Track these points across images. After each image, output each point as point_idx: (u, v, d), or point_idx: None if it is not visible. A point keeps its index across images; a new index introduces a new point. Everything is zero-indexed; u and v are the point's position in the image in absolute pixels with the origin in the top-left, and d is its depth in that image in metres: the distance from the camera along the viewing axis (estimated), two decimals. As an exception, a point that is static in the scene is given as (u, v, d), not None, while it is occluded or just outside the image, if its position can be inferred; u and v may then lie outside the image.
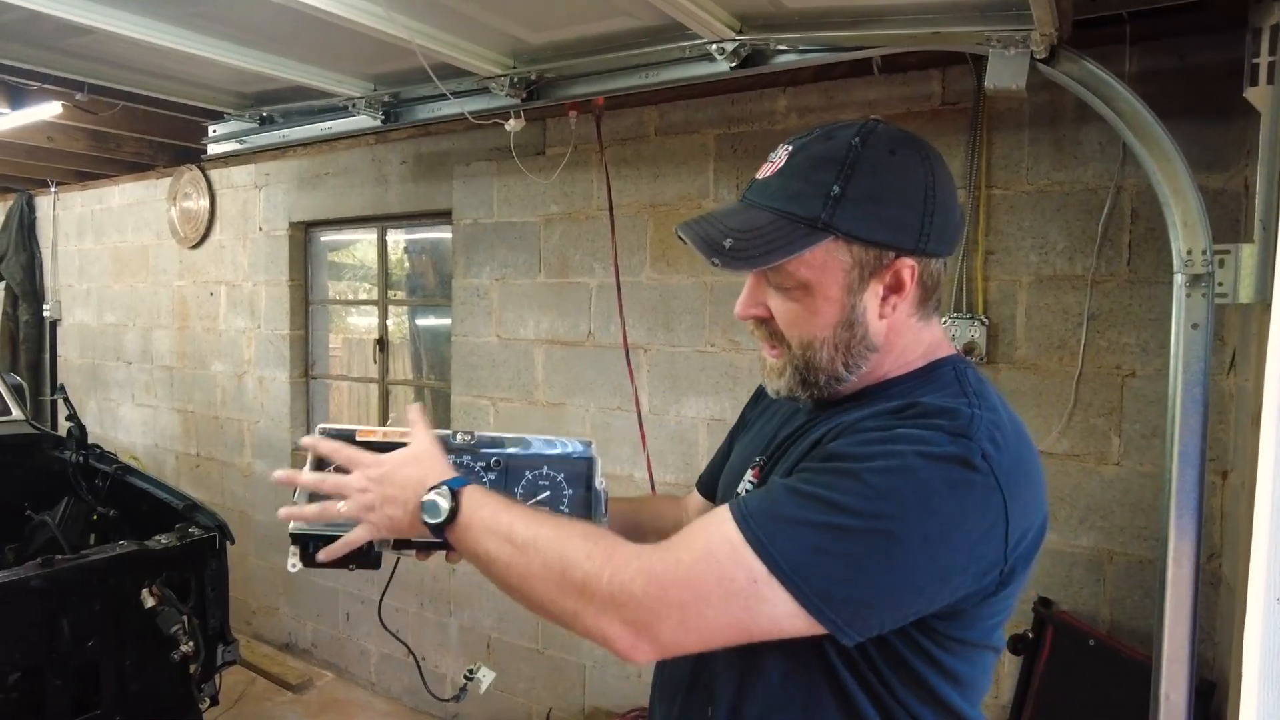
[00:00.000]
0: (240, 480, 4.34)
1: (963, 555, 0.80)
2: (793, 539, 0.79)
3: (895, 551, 0.78)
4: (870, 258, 0.87)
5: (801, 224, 0.86)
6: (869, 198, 0.85)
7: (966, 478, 0.79)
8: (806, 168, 0.88)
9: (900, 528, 0.78)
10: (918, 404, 0.85)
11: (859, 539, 0.78)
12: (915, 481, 0.78)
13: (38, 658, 2.18)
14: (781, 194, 0.88)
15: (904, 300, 0.90)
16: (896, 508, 0.78)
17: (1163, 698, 1.62)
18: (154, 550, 2.44)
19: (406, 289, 3.91)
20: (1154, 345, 2.08)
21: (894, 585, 0.79)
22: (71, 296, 5.30)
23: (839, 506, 0.78)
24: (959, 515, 0.79)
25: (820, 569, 0.78)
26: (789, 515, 0.80)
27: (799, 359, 0.92)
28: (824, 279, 0.87)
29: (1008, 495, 0.80)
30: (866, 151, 0.86)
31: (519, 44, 2.11)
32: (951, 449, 0.79)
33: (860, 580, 0.79)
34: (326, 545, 0.98)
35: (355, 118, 2.64)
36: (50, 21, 1.89)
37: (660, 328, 2.87)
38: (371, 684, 3.83)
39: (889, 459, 0.79)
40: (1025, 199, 2.24)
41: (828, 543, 0.78)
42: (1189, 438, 1.59)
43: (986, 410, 0.85)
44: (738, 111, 2.67)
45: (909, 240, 0.87)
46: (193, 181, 4.38)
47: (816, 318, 0.89)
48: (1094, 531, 2.18)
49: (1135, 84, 1.84)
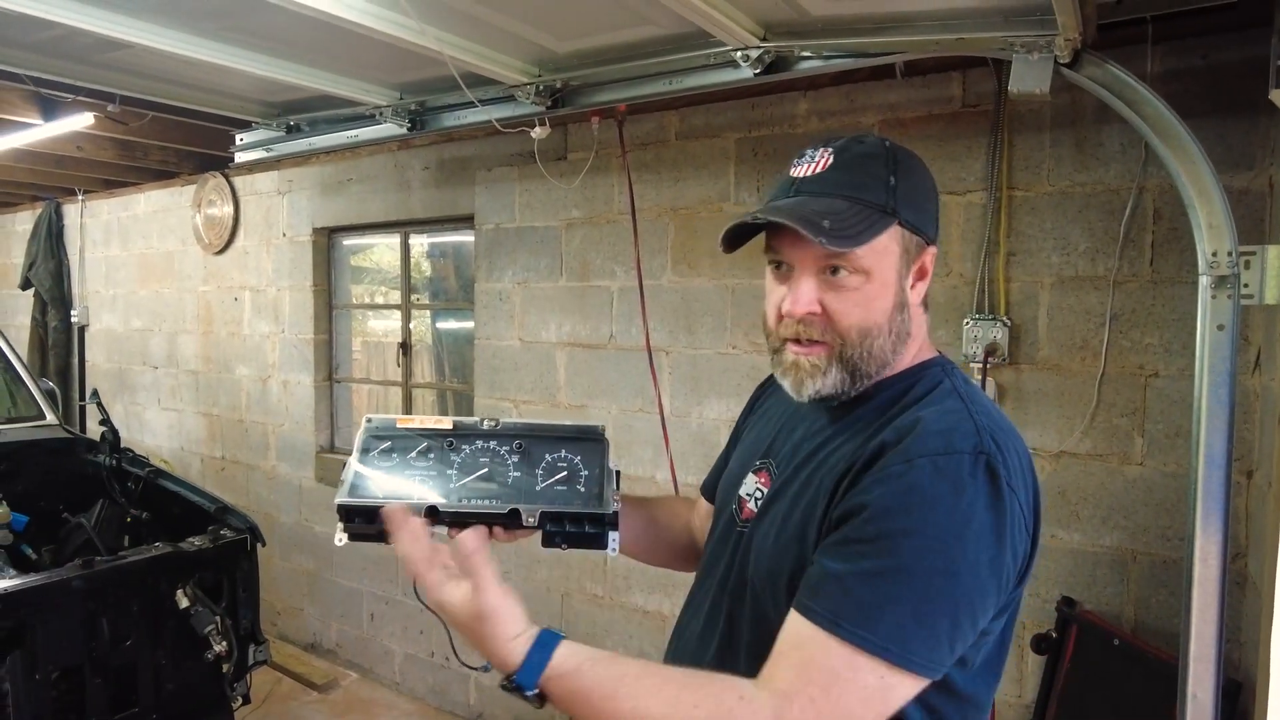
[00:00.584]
0: (265, 483, 4.40)
1: (1001, 567, 0.86)
2: (886, 620, 0.81)
3: (971, 584, 0.83)
4: (913, 245, 0.95)
5: (875, 210, 0.92)
6: (912, 190, 0.95)
7: (1000, 494, 0.85)
8: (858, 162, 0.95)
9: (967, 564, 0.83)
10: (921, 420, 0.89)
11: (943, 592, 0.82)
12: (965, 517, 0.83)
13: (78, 656, 2.23)
14: (849, 184, 0.93)
15: (925, 285, 0.99)
16: (959, 547, 0.83)
17: (1189, 697, 1.63)
18: (188, 552, 2.48)
19: (429, 293, 3.96)
20: (1177, 345, 2.08)
21: (963, 620, 0.84)
22: (99, 302, 5.39)
23: (911, 570, 0.82)
24: (1003, 529, 0.85)
25: (917, 635, 0.82)
26: (869, 601, 0.82)
27: (856, 349, 0.94)
28: (883, 264, 0.93)
29: (1022, 500, 0.87)
30: (896, 151, 0.96)
31: (545, 53, 2.14)
32: (980, 474, 0.85)
33: (952, 624, 0.83)
34: (369, 516, 1.05)
35: (381, 126, 2.67)
36: (89, 37, 1.94)
37: (682, 330, 2.89)
38: (396, 684, 3.87)
39: (932, 507, 0.83)
40: (1047, 200, 2.25)
41: (914, 608, 0.82)
42: (1215, 438, 1.59)
43: (984, 417, 0.91)
44: (758, 115, 2.69)
45: (933, 230, 0.97)
46: (217, 188, 4.45)
47: (875, 303, 0.94)
48: (1117, 531, 2.19)
49: (1158, 84, 1.85)
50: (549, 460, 1.14)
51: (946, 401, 0.92)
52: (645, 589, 3.03)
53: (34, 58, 2.27)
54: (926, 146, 2.39)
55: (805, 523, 0.93)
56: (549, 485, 1.12)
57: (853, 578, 0.83)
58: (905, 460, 0.85)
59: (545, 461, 1.13)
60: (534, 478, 1.12)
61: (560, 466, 1.13)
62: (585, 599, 3.19)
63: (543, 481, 1.12)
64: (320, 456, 4.12)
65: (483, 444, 1.13)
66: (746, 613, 1.01)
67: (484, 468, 1.12)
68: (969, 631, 0.85)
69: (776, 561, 0.96)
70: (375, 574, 3.91)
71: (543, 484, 1.12)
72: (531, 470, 1.13)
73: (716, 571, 1.09)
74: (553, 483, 1.12)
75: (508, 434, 1.15)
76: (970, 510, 0.83)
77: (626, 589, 3.08)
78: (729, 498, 1.13)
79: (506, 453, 1.14)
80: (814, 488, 0.94)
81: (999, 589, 0.86)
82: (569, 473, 1.13)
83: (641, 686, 0.84)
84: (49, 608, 2.18)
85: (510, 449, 1.14)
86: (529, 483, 1.12)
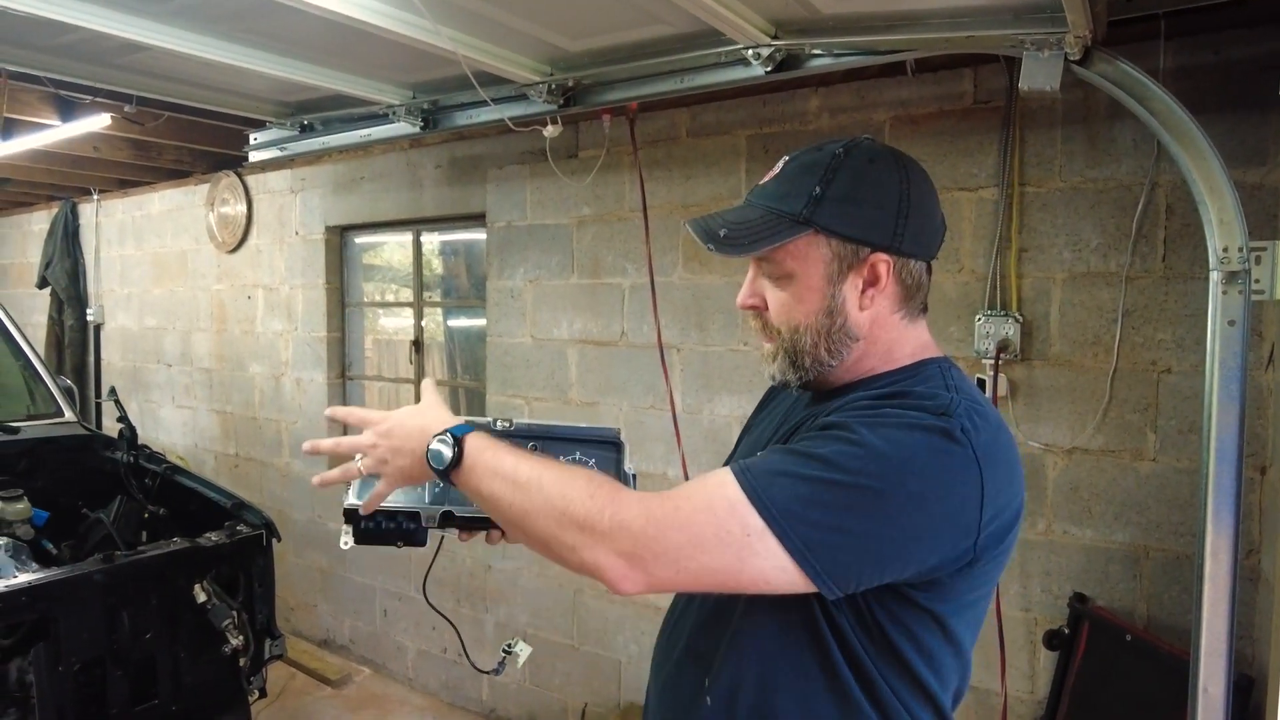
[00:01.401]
0: (278, 480, 4.44)
1: (940, 518, 0.88)
2: (784, 491, 0.86)
3: (879, 506, 0.86)
4: (848, 251, 0.97)
5: (786, 218, 0.97)
6: (846, 198, 0.96)
7: (947, 447, 0.87)
8: (796, 173, 1.00)
9: (885, 485, 0.86)
10: (903, 391, 0.95)
11: (846, 493, 0.86)
12: (900, 446, 0.87)
13: (100, 649, 2.26)
14: (774, 195, 1.00)
15: (882, 294, 0.99)
16: (881, 467, 0.86)
17: (1201, 691, 1.63)
18: (205, 548, 2.51)
19: (441, 291, 3.98)
20: (1190, 341, 2.08)
21: (876, 537, 0.86)
22: (114, 301, 5.44)
23: (829, 462, 0.86)
24: (939, 479, 0.87)
25: (807, 519, 0.85)
26: (782, 470, 0.88)
27: (787, 343, 1.02)
28: (807, 268, 0.98)
29: (984, 468, 0.88)
30: (848, 160, 0.98)
31: (557, 51, 2.15)
32: (934, 422, 0.88)
33: (844, 531, 0.86)
34: (374, 522, 1.07)
35: (394, 124, 2.70)
36: (108, 40, 1.97)
37: (693, 327, 2.91)
38: (409, 679, 3.91)
39: (877, 427, 0.88)
40: (1058, 196, 2.25)
41: (816, 495, 0.86)
42: (1226, 434, 1.59)
43: (967, 399, 0.94)
44: (769, 112, 2.70)
45: (882, 237, 0.97)
46: (230, 187, 4.49)
47: (801, 305, 0.99)
48: (1130, 527, 2.19)
49: (1170, 80, 1.85)
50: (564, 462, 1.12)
51: (931, 383, 0.97)
52: (656, 585, 3.05)
53: (53, 60, 2.31)
54: (938, 143, 2.39)
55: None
56: None
57: (784, 453, 0.91)
58: (869, 400, 0.94)
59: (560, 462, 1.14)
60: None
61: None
62: (597, 595, 3.21)
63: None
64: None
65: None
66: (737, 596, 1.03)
67: None
68: (879, 563, 0.86)
69: None
70: (388, 570, 3.94)
71: None
72: None
73: None
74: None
75: (521, 435, 1.14)
76: (915, 449, 0.87)
77: (638, 585, 3.10)
78: None
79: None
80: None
81: (932, 538, 0.87)
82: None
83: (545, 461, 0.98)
84: (71, 601, 2.21)
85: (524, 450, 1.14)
86: None
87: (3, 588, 2.13)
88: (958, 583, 0.92)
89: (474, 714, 3.64)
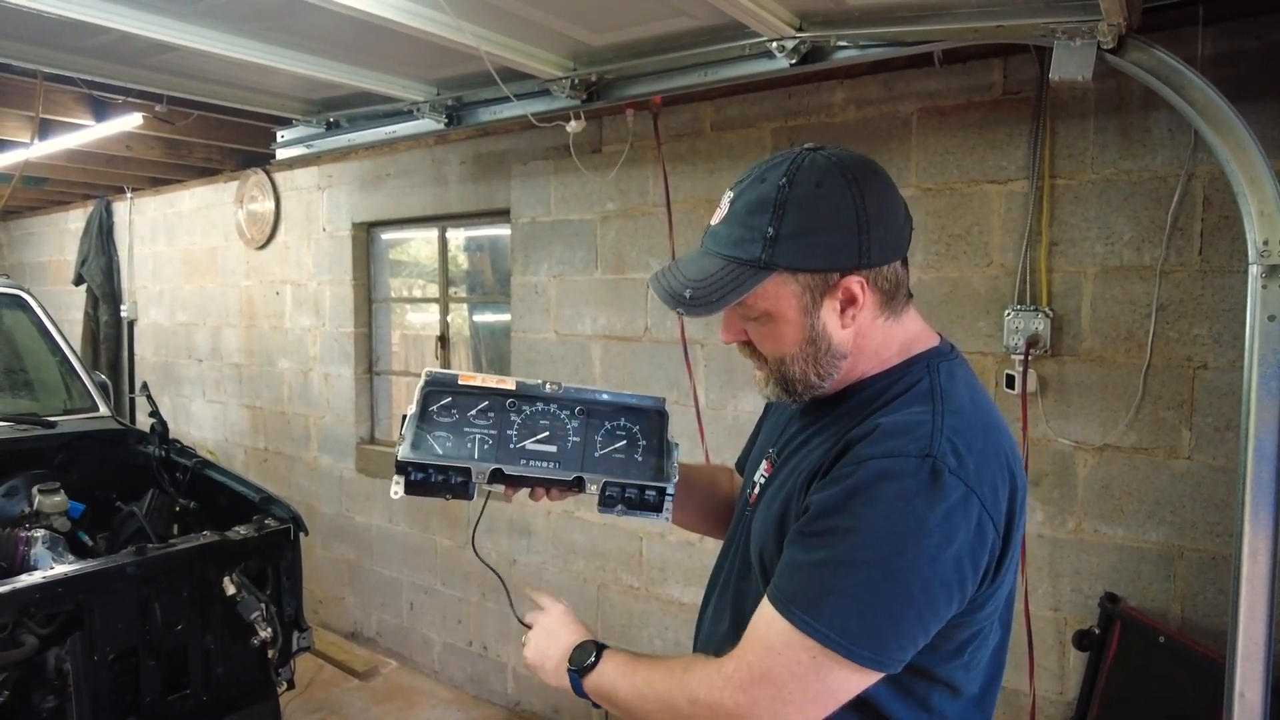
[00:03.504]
0: (307, 474, 4.50)
1: (966, 561, 0.90)
2: (828, 609, 0.88)
3: (913, 581, 0.88)
4: (817, 281, 0.97)
5: (747, 266, 0.96)
6: (802, 232, 0.95)
7: (944, 493, 0.88)
8: (744, 214, 0.98)
9: (909, 561, 0.87)
10: (879, 426, 0.94)
11: (880, 587, 0.88)
12: (904, 516, 0.88)
13: (133, 639, 2.30)
14: (728, 240, 0.98)
15: (863, 310, 0.99)
16: (897, 546, 0.87)
17: (1237, 695, 1.60)
18: (234, 541, 2.55)
19: (465, 286, 4.00)
20: (1227, 336, 2.03)
21: (920, 607, 0.89)
22: (146, 297, 5.54)
23: (853, 565, 0.88)
24: (948, 527, 0.88)
25: (857, 626, 0.88)
26: (815, 590, 0.90)
27: (776, 373, 1.03)
28: (780, 306, 0.98)
29: (981, 493, 0.90)
30: (794, 190, 0.95)
31: (580, 46, 2.15)
32: (923, 473, 0.88)
33: (895, 617, 0.88)
34: (425, 474, 1.11)
35: (418, 121, 2.71)
36: (140, 41, 2.00)
37: (716, 323, 2.88)
38: (435, 672, 3.94)
39: (874, 505, 0.89)
40: (1090, 188, 2.20)
41: (854, 600, 0.88)
42: (1265, 431, 1.56)
43: (949, 414, 0.94)
44: (795, 105, 2.67)
45: (849, 259, 0.96)
46: (258, 185, 4.54)
47: (783, 339, 1.00)
48: (1163, 527, 2.14)
49: (1209, 68, 1.80)
50: (609, 427, 1.17)
51: (913, 406, 0.96)
52: (681, 581, 3.05)
53: (86, 61, 2.35)
54: (966, 135, 2.35)
55: (784, 512, 1.01)
56: (608, 452, 1.15)
57: (806, 567, 0.92)
58: (856, 462, 0.92)
59: (605, 428, 1.17)
60: (593, 443, 1.15)
61: (620, 434, 1.17)
62: (621, 590, 3.21)
63: (602, 448, 1.15)
64: (360, 448, 4.20)
65: (544, 406, 1.16)
66: (750, 592, 1.07)
67: (544, 430, 1.15)
68: (917, 628, 0.90)
69: (762, 543, 1.04)
70: (415, 564, 3.98)
71: (602, 450, 1.15)
72: (591, 436, 1.16)
73: (729, 553, 1.18)
74: (611, 450, 1.16)
75: (570, 399, 1.17)
76: (909, 509, 0.87)
77: (662, 580, 3.10)
78: (747, 481, 1.21)
79: (567, 417, 1.16)
80: (793, 479, 1.02)
81: (956, 587, 0.89)
82: (628, 441, 1.17)
83: (652, 660, 1.06)
84: (106, 592, 2.25)
85: (571, 413, 1.16)
86: (588, 447, 1.15)
87: (40, 579, 2.18)
88: (986, 587, 0.94)
89: (499, 707, 3.66)
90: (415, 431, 1.12)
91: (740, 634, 1.06)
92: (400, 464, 1.11)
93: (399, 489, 1.12)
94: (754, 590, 1.05)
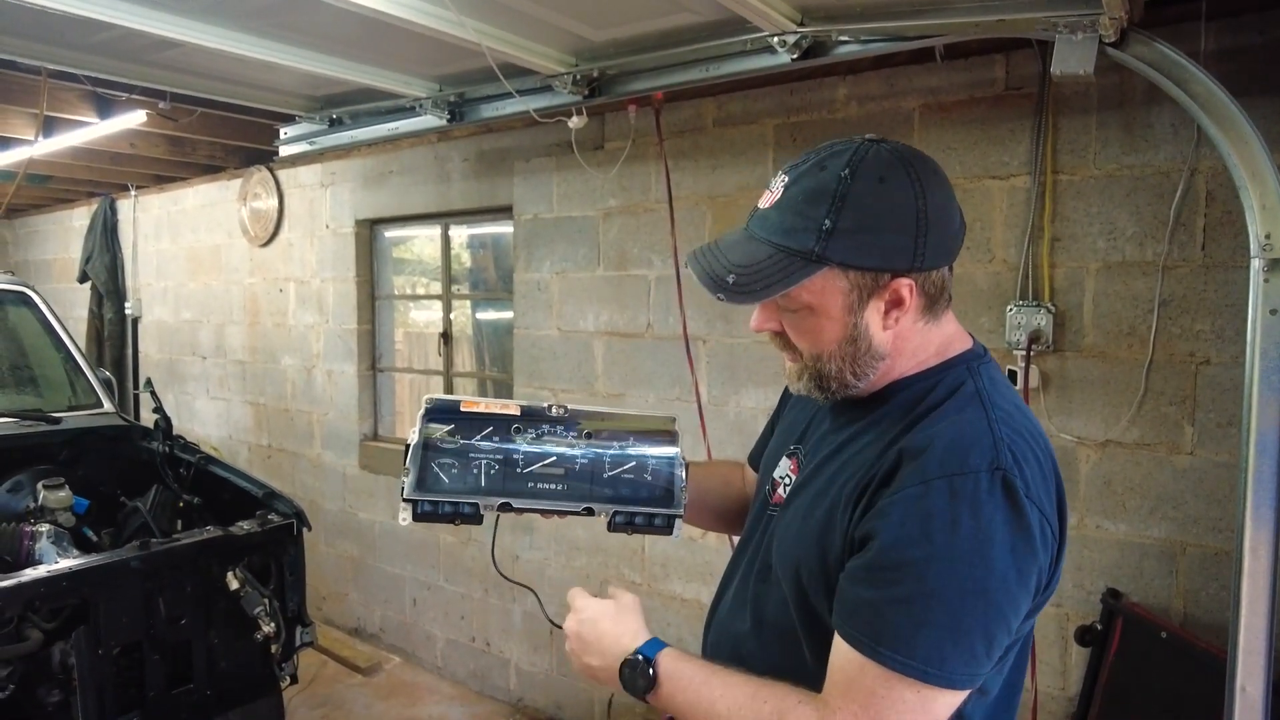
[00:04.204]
0: (310, 470, 4.51)
1: (1033, 569, 0.88)
2: (922, 643, 0.85)
3: (1001, 600, 0.86)
4: (867, 280, 0.93)
5: (798, 257, 0.91)
6: (860, 228, 0.90)
7: (1016, 506, 0.86)
8: (800, 201, 0.92)
9: (995, 580, 0.85)
10: (936, 438, 0.89)
11: (974, 611, 0.85)
12: (983, 535, 0.85)
13: (137, 633, 2.32)
14: (779, 228, 0.93)
15: (907, 313, 0.95)
16: (983, 566, 0.85)
17: (1238, 690, 1.60)
18: (237, 536, 2.56)
19: (469, 284, 4.01)
20: (1230, 332, 2.03)
21: (1007, 624, 0.88)
22: (150, 295, 5.55)
23: (939, 594, 0.85)
24: (1025, 539, 0.87)
25: (954, 653, 0.85)
26: (905, 627, 0.86)
27: (811, 368, 0.99)
28: (825, 301, 0.94)
29: (1041, 502, 0.89)
30: (856, 183, 0.90)
31: (581, 42, 2.15)
32: (995, 490, 0.86)
33: (986, 640, 0.86)
34: (433, 506, 1.09)
35: (421, 117, 2.71)
36: (143, 37, 2.00)
37: (719, 319, 2.89)
38: (438, 668, 3.95)
39: (953, 529, 0.85)
40: (1093, 184, 2.20)
41: (949, 630, 0.85)
42: (1266, 426, 1.55)
43: (1004, 425, 0.91)
44: (797, 101, 2.67)
45: (903, 262, 0.92)
46: (262, 182, 4.55)
47: (822, 334, 0.96)
48: (1166, 522, 2.14)
49: (1212, 63, 1.79)
50: (617, 448, 1.14)
51: (966, 411, 0.93)
52: (683, 577, 3.05)
53: (90, 58, 2.36)
54: (969, 131, 2.35)
55: (827, 525, 0.96)
56: (616, 474, 1.13)
57: (886, 605, 0.87)
58: (922, 481, 0.87)
59: (614, 449, 1.14)
60: (601, 465, 1.12)
61: (629, 456, 1.14)
62: (624, 586, 3.21)
63: (610, 470, 1.13)
64: (364, 445, 4.21)
65: (550, 430, 1.13)
66: (771, 595, 1.04)
67: (551, 455, 1.12)
68: (1003, 640, 0.88)
69: (795, 555, 0.99)
70: (418, 560, 3.99)
71: (610, 472, 1.12)
72: (599, 459, 1.13)
73: (747, 552, 1.13)
74: (620, 472, 1.13)
75: (576, 420, 1.14)
76: (990, 529, 0.85)
77: (665, 577, 3.10)
78: (766, 477, 1.16)
79: (574, 439, 1.13)
80: (836, 488, 0.97)
81: (1028, 597, 0.89)
82: (637, 464, 1.14)
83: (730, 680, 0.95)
84: (110, 587, 2.26)
85: (577, 435, 1.14)
86: (596, 470, 1.12)
87: (45, 573, 2.19)
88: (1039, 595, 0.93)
89: (502, 703, 3.67)
90: (420, 462, 1.09)
91: (762, 637, 1.05)
92: (405, 499, 1.09)
93: (406, 517, 1.10)
94: (776, 595, 1.03)
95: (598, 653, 1.03)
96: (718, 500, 1.31)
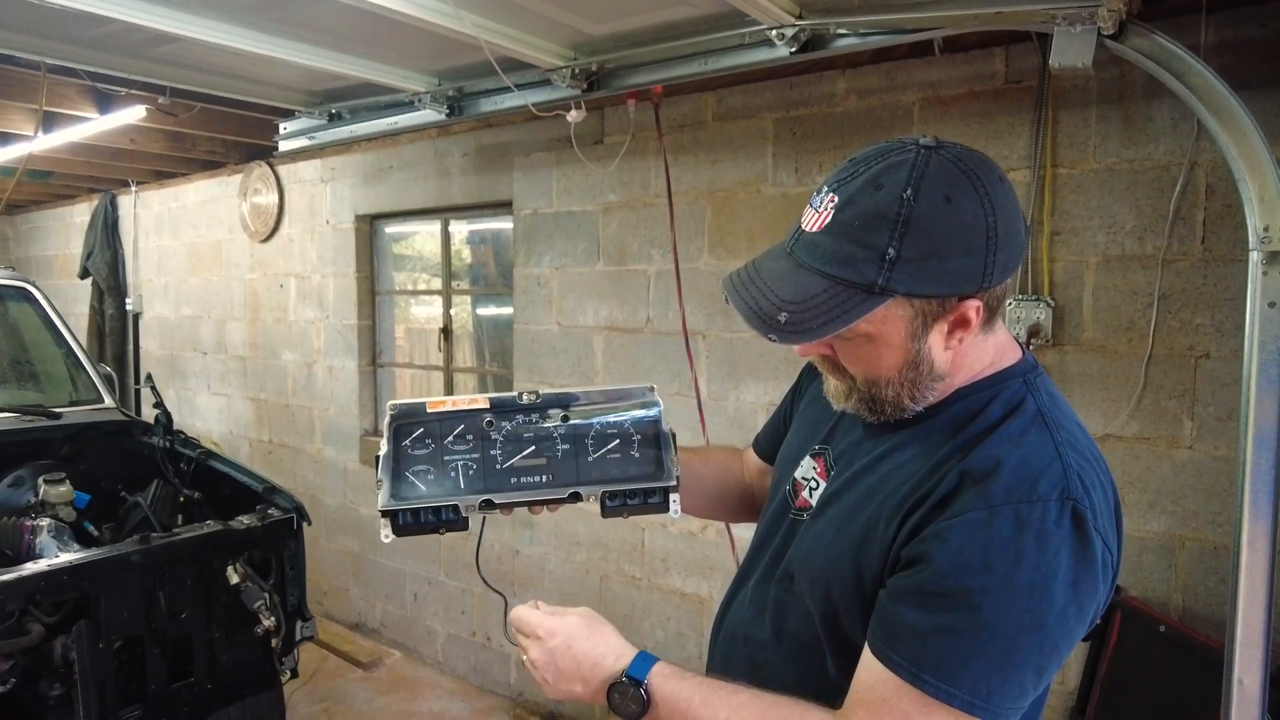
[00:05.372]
0: (311, 466, 4.51)
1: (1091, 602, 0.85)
2: (970, 675, 0.81)
3: (1058, 636, 0.82)
4: (933, 307, 0.86)
5: (858, 290, 0.83)
6: (927, 255, 0.82)
7: (1085, 541, 0.82)
8: (857, 226, 0.83)
9: (1054, 616, 0.81)
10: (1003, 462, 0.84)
11: (1030, 646, 0.81)
12: (1049, 570, 0.81)
13: (138, 628, 2.33)
14: (834, 257, 0.84)
15: (970, 332, 0.89)
16: (1046, 601, 0.81)
17: (1235, 683, 1.60)
18: (237, 530, 2.56)
19: (469, 279, 4.01)
20: (1230, 325, 2.03)
21: (1060, 656, 0.84)
22: (151, 291, 5.56)
23: (996, 628, 0.80)
24: (1088, 573, 0.83)
25: (1001, 687, 0.81)
26: (953, 658, 0.81)
27: (864, 391, 0.93)
28: (886, 330, 0.87)
29: (1107, 535, 0.85)
30: (920, 204, 0.81)
31: (580, 35, 2.15)
32: (1065, 522, 0.82)
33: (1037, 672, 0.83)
34: (413, 517, 1.04)
35: (420, 112, 2.71)
36: (142, 32, 2.00)
37: (719, 314, 2.89)
38: (439, 663, 3.96)
39: (1017, 562, 0.80)
40: (1093, 178, 2.20)
41: (1000, 664, 0.81)
42: (1265, 419, 1.55)
43: (1071, 449, 0.86)
44: (796, 95, 2.66)
45: (973, 285, 0.85)
46: (262, 178, 4.55)
47: (880, 362, 0.90)
48: (1165, 516, 2.14)
49: (1212, 56, 1.79)
50: (598, 428, 1.07)
51: (1030, 433, 0.87)
52: (683, 571, 3.05)
53: (90, 53, 2.36)
54: (968, 125, 2.35)
55: (864, 541, 0.91)
56: (602, 454, 1.06)
57: (934, 632, 0.82)
58: (986, 507, 0.82)
59: (594, 430, 1.07)
60: (584, 448, 1.06)
61: (610, 434, 1.07)
62: (623, 581, 3.22)
63: (594, 452, 1.06)
64: (365, 440, 4.21)
65: (524, 419, 1.07)
66: (793, 604, 1.00)
67: (530, 445, 1.06)
68: (1054, 670, 0.85)
69: (827, 570, 0.94)
70: (418, 555, 3.99)
71: (595, 454, 1.06)
72: (581, 441, 1.07)
73: (766, 553, 1.08)
74: (605, 452, 1.06)
75: (550, 405, 1.07)
76: (1056, 562, 0.81)
77: (664, 571, 3.10)
78: (785, 474, 1.11)
79: (551, 426, 1.07)
80: (876, 503, 0.92)
81: (1084, 629, 0.85)
82: (621, 440, 1.07)
83: (735, 700, 0.89)
84: (111, 581, 2.27)
85: (554, 420, 1.07)
86: (580, 454, 1.06)
87: (46, 567, 2.20)
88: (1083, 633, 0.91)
89: (502, 697, 3.68)
90: (392, 473, 1.03)
91: (781, 648, 1.00)
92: (383, 511, 1.03)
93: (388, 533, 1.04)
94: (799, 606, 0.99)
95: (579, 679, 0.95)
96: (715, 486, 1.27)
